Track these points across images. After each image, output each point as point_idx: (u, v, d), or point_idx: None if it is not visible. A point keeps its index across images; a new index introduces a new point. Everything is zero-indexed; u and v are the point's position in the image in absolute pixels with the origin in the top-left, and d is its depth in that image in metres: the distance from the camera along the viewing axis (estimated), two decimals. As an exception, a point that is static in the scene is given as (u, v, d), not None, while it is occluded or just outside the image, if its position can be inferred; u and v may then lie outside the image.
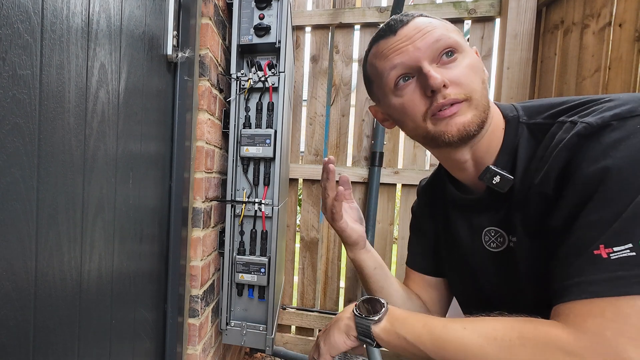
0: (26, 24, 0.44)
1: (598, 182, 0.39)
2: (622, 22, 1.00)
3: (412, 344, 0.48)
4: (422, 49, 0.49)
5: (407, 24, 0.51)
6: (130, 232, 0.72)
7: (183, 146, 0.91)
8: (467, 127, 0.49)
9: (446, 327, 0.46)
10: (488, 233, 0.57)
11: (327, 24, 1.72)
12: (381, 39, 0.54)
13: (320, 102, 1.77)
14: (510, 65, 1.46)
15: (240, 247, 1.13)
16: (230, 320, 1.15)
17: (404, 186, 1.70)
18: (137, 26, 0.71)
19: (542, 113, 0.50)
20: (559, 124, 0.46)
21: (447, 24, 0.53)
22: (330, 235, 1.80)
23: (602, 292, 0.37)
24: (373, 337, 0.52)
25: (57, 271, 0.51)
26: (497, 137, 0.53)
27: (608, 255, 0.37)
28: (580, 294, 0.38)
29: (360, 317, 0.54)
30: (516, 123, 0.52)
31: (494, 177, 0.51)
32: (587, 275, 0.38)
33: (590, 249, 0.39)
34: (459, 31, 0.53)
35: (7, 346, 0.43)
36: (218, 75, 1.07)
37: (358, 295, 1.76)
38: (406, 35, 0.51)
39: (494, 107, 0.54)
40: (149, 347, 0.84)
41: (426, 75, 0.48)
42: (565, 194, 0.43)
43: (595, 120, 0.41)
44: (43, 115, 0.47)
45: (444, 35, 0.49)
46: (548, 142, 0.46)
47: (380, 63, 0.54)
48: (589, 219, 0.40)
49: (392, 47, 0.52)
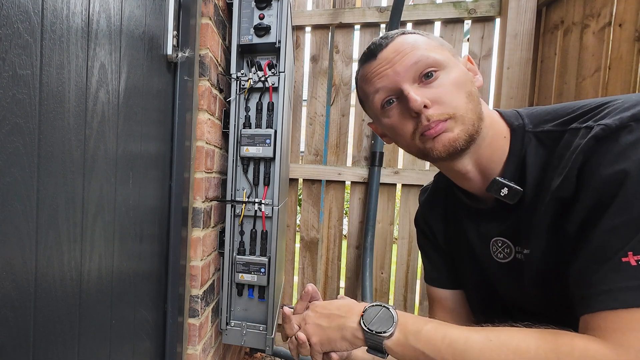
0: (26, 24, 0.44)
1: (617, 185, 0.38)
2: (622, 22, 1.00)
3: (432, 358, 0.45)
4: (401, 73, 0.50)
5: (386, 47, 0.52)
6: (130, 232, 0.72)
7: (183, 146, 0.91)
8: (453, 143, 0.49)
9: (469, 340, 0.43)
10: (495, 243, 0.56)
11: (327, 24, 1.72)
12: (364, 63, 0.55)
13: (320, 102, 1.77)
14: (511, 65, 1.46)
15: (240, 247, 1.13)
16: (230, 320, 1.15)
17: (404, 186, 1.70)
18: (137, 26, 0.71)
19: (549, 121, 0.49)
20: (573, 131, 0.44)
21: (430, 40, 0.52)
22: (330, 235, 1.80)
23: (636, 301, 0.35)
24: (385, 351, 0.50)
25: (57, 271, 0.51)
26: (501, 147, 0.52)
27: (637, 262, 0.36)
28: (610, 303, 0.37)
29: (370, 333, 0.50)
30: (522, 132, 0.51)
31: (501, 189, 0.50)
32: (617, 283, 0.37)
33: (617, 256, 0.37)
34: (441, 46, 0.52)
35: (7, 346, 0.43)
36: (218, 75, 1.07)
37: (358, 295, 1.76)
38: (386, 58, 0.52)
39: (491, 116, 0.53)
40: (149, 347, 0.84)
41: (407, 98, 0.49)
42: (582, 197, 0.41)
43: (614, 122, 0.40)
44: (43, 115, 0.47)
45: (423, 56, 0.49)
46: (563, 150, 0.45)
47: (366, 87, 0.56)
48: (612, 224, 0.38)
49: (374, 72, 0.53)
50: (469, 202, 0.60)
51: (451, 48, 0.54)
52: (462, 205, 0.62)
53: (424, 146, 0.51)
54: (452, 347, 0.43)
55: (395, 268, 1.76)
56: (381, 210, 1.72)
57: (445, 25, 1.63)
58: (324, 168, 1.74)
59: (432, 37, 0.53)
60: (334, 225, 1.79)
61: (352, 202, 1.77)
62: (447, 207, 0.67)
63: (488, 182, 0.52)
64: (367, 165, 1.71)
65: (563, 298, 0.46)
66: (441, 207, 0.69)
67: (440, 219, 0.69)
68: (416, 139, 0.52)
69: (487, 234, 0.57)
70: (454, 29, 1.62)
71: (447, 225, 0.68)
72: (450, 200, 0.66)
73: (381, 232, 1.74)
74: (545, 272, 0.48)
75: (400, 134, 0.54)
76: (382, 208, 1.72)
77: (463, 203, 0.61)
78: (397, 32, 0.54)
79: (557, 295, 0.48)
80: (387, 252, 1.75)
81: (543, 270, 0.49)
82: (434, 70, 0.49)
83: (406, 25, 1.65)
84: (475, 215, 0.59)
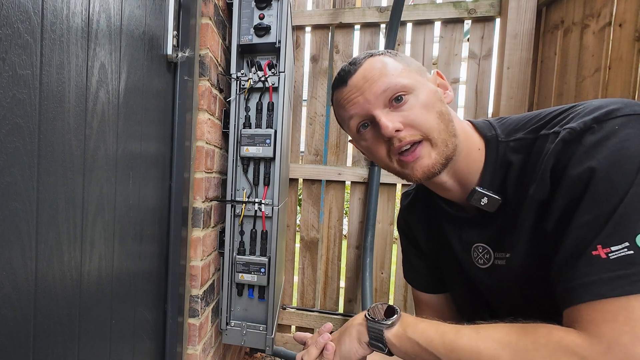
0: (26, 24, 0.44)
1: (585, 182, 0.40)
2: (622, 22, 1.00)
3: (425, 348, 0.48)
4: (371, 101, 0.52)
5: (355, 74, 0.54)
6: (130, 232, 0.72)
7: (183, 146, 0.91)
8: (431, 169, 0.51)
9: (459, 331, 0.46)
10: (476, 249, 0.58)
11: (327, 24, 1.72)
12: (336, 89, 0.57)
13: (320, 102, 1.77)
14: (511, 65, 1.46)
15: (240, 247, 1.13)
16: (230, 320, 1.15)
17: (404, 186, 1.70)
18: (137, 26, 0.71)
19: (520, 130, 0.51)
20: (543, 137, 0.47)
21: (397, 62, 0.53)
22: (330, 235, 1.80)
23: (607, 292, 0.37)
24: (385, 343, 0.52)
25: (57, 271, 0.51)
26: (477, 158, 0.54)
27: (607, 255, 0.38)
28: (585, 296, 0.39)
29: (372, 321, 0.54)
30: (496, 142, 0.53)
31: (481, 199, 0.52)
32: (590, 276, 0.38)
33: (588, 250, 0.39)
34: (408, 68, 0.53)
35: (7, 346, 0.43)
36: (218, 75, 1.07)
37: (358, 295, 1.76)
38: (355, 85, 0.53)
39: (464, 130, 0.55)
40: (149, 347, 0.84)
41: (378, 125, 0.51)
42: (556, 197, 0.44)
43: (578, 125, 0.43)
44: (43, 115, 0.47)
45: (391, 83, 0.51)
46: (536, 156, 0.47)
47: (341, 112, 0.58)
48: (583, 220, 0.40)
49: (346, 98, 0.55)
50: (450, 210, 0.61)
51: (419, 67, 0.55)
52: (444, 212, 0.63)
53: (402, 170, 0.54)
54: (444, 337, 0.47)
55: (395, 268, 1.76)
56: (381, 210, 1.72)
57: (445, 25, 1.63)
58: (324, 168, 1.74)
59: (399, 59, 0.54)
60: (334, 225, 1.79)
61: (352, 202, 1.77)
62: (430, 213, 0.68)
63: (467, 191, 0.55)
64: (367, 165, 1.71)
65: (546, 299, 0.47)
66: (423, 212, 0.70)
67: (423, 224, 0.70)
68: (393, 161, 0.54)
69: (468, 240, 0.59)
70: (454, 29, 1.62)
71: (430, 231, 0.69)
72: (432, 207, 0.67)
73: (381, 232, 1.74)
74: (528, 274, 0.50)
75: (376, 156, 0.56)
76: (382, 208, 1.72)
77: (444, 210, 0.63)
78: (365, 55, 0.55)
79: (540, 296, 0.49)
80: (387, 252, 1.75)
81: (526, 272, 0.50)
82: (403, 94, 0.51)
83: (406, 25, 1.65)
84: (457, 222, 0.61)
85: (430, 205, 0.68)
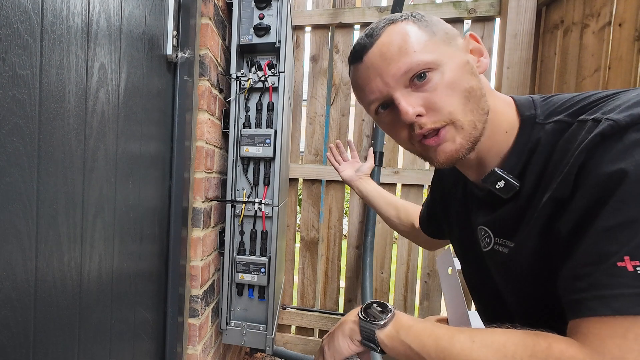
0: (26, 24, 0.44)
1: (615, 184, 0.35)
2: (622, 22, 1.00)
3: (417, 352, 0.46)
4: (391, 84, 0.47)
5: (371, 48, 0.48)
6: (130, 232, 0.72)
7: (183, 146, 0.91)
8: (454, 155, 0.47)
9: (453, 338, 0.44)
10: (480, 231, 0.56)
11: (327, 24, 1.72)
12: (352, 64, 0.53)
13: (320, 102, 1.77)
14: (510, 65, 1.46)
15: (240, 247, 1.13)
16: (230, 320, 1.15)
17: (404, 186, 1.70)
18: (137, 26, 0.71)
19: (562, 112, 0.45)
20: (580, 123, 0.41)
21: (420, 31, 0.47)
22: (330, 235, 1.80)
23: (627, 309, 0.33)
24: (377, 343, 0.50)
25: (57, 271, 0.51)
26: (502, 139, 0.49)
27: (634, 268, 0.33)
28: (600, 310, 0.35)
29: (365, 320, 0.52)
30: (531, 123, 0.47)
31: (498, 182, 0.48)
32: (611, 289, 0.34)
33: (612, 260, 0.34)
34: (434, 37, 0.47)
35: (7, 346, 0.43)
36: (218, 75, 1.07)
37: (358, 295, 1.76)
38: (372, 64, 0.48)
39: (497, 107, 0.49)
40: (149, 347, 0.84)
41: (398, 109, 0.47)
42: (577, 196, 0.39)
43: (624, 118, 0.36)
44: (43, 115, 0.47)
45: (412, 63, 0.45)
46: (567, 144, 0.41)
47: (357, 93, 0.54)
48: (607, 225, 0.35)
49: (363, 77, 0.50)
50: (470, 185, 0.59)
51: (446, 33, 0.48)
52: (466, 188, 0.61)
53: (426, 154, 0.50)
54: (437, 343, 0.44)
55: (395, 268, 1.76)
56: (381, 210, 1.72)
57: (445, 25, 1.63)
58: (324, 168, 1.74)
59: (423, 26, 0.47)
60: (334, 225, 1.79)
61: (352, 202, 1.77)
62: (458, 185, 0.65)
63: (484, 172, 0.51)
64: (367, 165, 1.71)
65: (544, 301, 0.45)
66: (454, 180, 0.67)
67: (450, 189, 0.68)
68: (415, 144, 0.50)
69: (475, 220, 0.57)
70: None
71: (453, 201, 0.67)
72: (461, 180, 0.64)
73: (381, 232, 1.74)
74: (525, 269, 0.47)
75: (396, 138, 0.53)
76: (382, 208, 1.72)
77: (467, 185, 0.60)
78: (385, 23, 0.49)
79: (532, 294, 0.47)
80: (387, 252, 1.75)
81: (524, 266, 0.47)
82: (427, 71, 0.45)
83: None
84: (472, 199, 0.59)
85: (461, 179, 0.64)
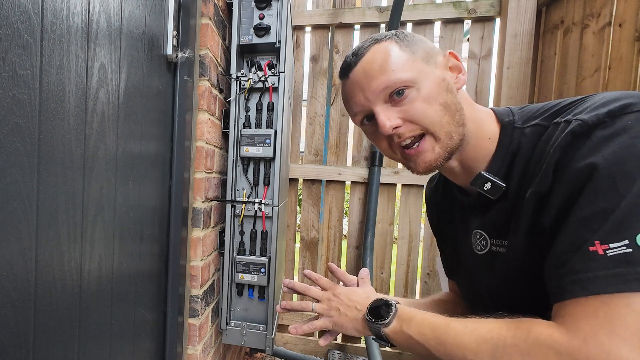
0: (26, 24, 0.44)
1: (586, 177, 0.39)
2: (622, 22, 1.00)
3: (418, 341, 0.50)
4: (371, 99, 0.52)
5: (356, 67, 0.54)
6: (130, 232, 0.72)
7: (183, 146, 0.91)
8: (433, 164, 0.52)
9: (448, 326, 0.48)
10: (475, 235, 0.58)
11: (327, 24, 1.72)
12: (342, 78, 0.58)
13: (320, 102, 1.77)
14: (510, 65, 1.46)
15: (240, 247, 1.13)
16: (230, 320, 1.15)
17: (404, 186, 1.70)
18: (137, 26, 0.71)
19: (538, 117, 0.50)
20: (555, 125, 0.46)
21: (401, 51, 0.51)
22: (330, 235, 1.80)
23: (600, 289, 0.36)
24: (386, 338, 0.55)
25: (57, 271, 0.51)
26: (486, 146, 0.54)
27: (604, 252, 0.37)
28: (577, 292, 0.38)
29: (370, 322, 0.56)
30: (511, 128, 0.52)
31: (485, 184, 0.52)
32: (584, 273, 0.38)
33: (585, 246, 0.38)
34: (412, 57, 0.51)
35: (7, 346, 0.43)
36: (218, 75, 1.07)
37: (358, 295, 1.76)
38: (356, 81, 0.54)
39: (477, 118, 0.54)
40: (149, 347, 0.84)
41: (377, 122, 0.52)
42: (555, 190, 0.43)
43: (590, 118, 0.41)
44: (43, 115, 0.47)
45: (390, 81, 0.50)
46: (544, 145, 0.46)
47: (346, 105, 0.59)
48: (581, 215, 0.39)
49: (349, 92, 0.56)
50: (458, 194, 0.62)
51: (426, 52, 0.52)
52: (454, 197, 0.64)
53: (407, 162, 0.55)
54: (434, 331, 0.49)
55: (395, 268, 1.76)
56: (381, 210, 1.72)
57: (445, 25, 1.63)
58: (324, 168, 1.74)
59: (404, 45, 0.52)
60: (334, 225, 1.79)
61: (352, 202, 1.77)
62: (446, 197, 0.69)
63: (472, 176, 0.55)
64: (367, 165, 1.71)
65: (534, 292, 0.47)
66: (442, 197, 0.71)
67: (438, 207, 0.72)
68: (397, 153, 0.55)
69: (469, 226, 0.60)
70: (454, 29, 1.62)
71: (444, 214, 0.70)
72: (448, 192, 0.68)
73: (381, 232, 1.74)
74: (520, 266, 0.50)
75: (379, 148, 0.58)
76: (382, 208, 1.72)
77: (455, 195, 0.64)
78: (370, 42, 0.54)
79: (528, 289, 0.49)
80: (387, 252, 1.75)
81: (519, 264, 0.50)
82: (404, 88, 0.50)
83: (406, 25, 1.65)
84: (462, 207, 0.62)
85: (448, 192, 0.68)
